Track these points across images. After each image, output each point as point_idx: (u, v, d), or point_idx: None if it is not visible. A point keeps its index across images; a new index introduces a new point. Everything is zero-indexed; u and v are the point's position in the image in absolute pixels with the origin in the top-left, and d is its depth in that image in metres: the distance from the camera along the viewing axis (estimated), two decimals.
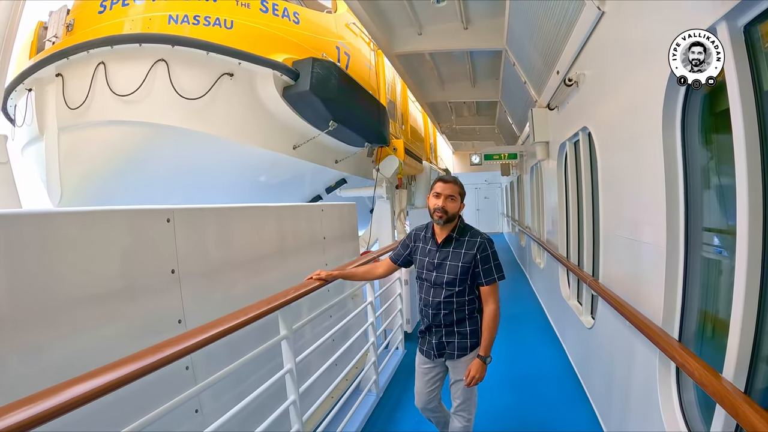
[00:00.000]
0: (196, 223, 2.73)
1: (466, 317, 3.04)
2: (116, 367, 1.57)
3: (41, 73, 6.17)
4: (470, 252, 2.93)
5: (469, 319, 3.05)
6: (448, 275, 2.97)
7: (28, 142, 6.61)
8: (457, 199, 2.97)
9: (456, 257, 2.96)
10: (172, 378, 2.30)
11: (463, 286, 2.97)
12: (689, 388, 2.60)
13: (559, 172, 6.30)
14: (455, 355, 3.08)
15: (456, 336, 3.06)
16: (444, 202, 2.94)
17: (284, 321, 2.76)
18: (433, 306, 3.05)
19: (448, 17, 7.29)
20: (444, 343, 3.10)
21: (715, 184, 2.54)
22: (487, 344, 2.97)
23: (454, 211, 2.97)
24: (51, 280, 1.86)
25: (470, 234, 3.00)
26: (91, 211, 2.11)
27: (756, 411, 1.61)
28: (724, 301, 2.38)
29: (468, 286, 2.98)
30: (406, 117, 13.29)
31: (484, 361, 2.96)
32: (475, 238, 2.97)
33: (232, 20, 6.34)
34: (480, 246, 2.93)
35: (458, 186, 3.00)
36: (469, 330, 3.05)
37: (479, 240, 2.95)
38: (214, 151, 6.59)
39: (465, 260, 2.93)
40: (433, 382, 3.26)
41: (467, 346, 3.06)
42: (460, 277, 2.94)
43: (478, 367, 2.94)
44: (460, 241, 2.98)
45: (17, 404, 1.27)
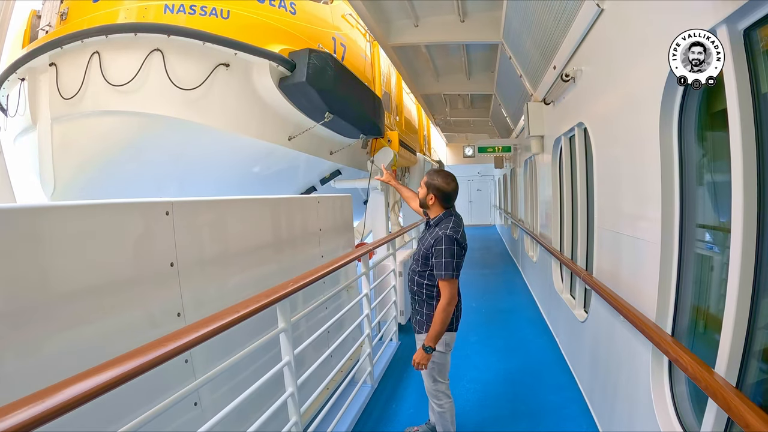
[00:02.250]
0: (195, 216, 2.72)
1: (424, 300, 3.33)
2: (117, 364, 1.56)
3: (34, 62, 6.08)
4: (431, 241, 3.19)
5: (426, 302, 3.32)
6: (416, 254, 3.36)
7: (21, 132, 6.52)
8: (423, 187, 3.34)
9: (423, 242, 3.30)
10: (171, 371, 2.30)
11: (424, 269, 3.27)
12: (681, 382, 2.64)
13: (554, 167, 6.33)
14: (416, 330, 3.41)
15: (417, 315, 3.40)
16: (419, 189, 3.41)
17: (283, 313, 2.77)
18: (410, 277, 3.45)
19: (444, 10, 7.29)
20: (414, 317, 3.46)
21: (710, 182, 2.57)
22: (431, 335, 3.13)
23: (420, 197, 3.39)
24: (49, 275, 1.85)
25: (441, 226, 3.22)
26: (89, 205, 2.09)
27: (748, 406, 1.65)
28: (717, 297, 2.42)
29: (428, 272, 3.25)
30: (400, 108, 13.26)
31: (425, 350, 3.13)
32: (441, 230, 3.17)
33: (228, 10, 6.28)
34: (437, 238, 3.15)
35: (426, 176, 3.38)
36: (425, 312, 3.33)
37: (440, 233, 3.15)
38: (210, 142, 6.55)
39: (425, 247, 3.24)
40: None
41: (423, 325, 3.32)
42: (422, 260, 3.26)
43: (417, 353, 3.17)
44: (432, 229, 3.27)
45: (16, 404, 1.26)
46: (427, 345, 3.12)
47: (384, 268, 5.79)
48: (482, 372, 5.15)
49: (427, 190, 3.31)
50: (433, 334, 3.10)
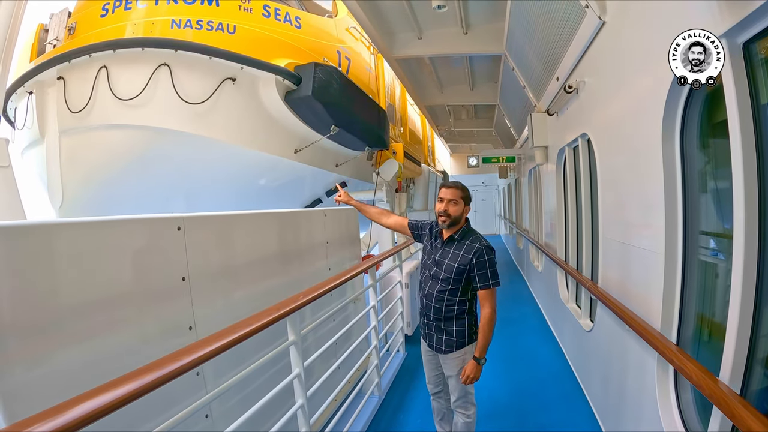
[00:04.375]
0: (205, 231, 2.77)
1: (454, 316, 3.20)
2: (132, 379, 1.59)
3: (42, 75, 6.16)
4: (467, 255, 3.08)
5: (457, 319, 3.20)
6: (444, 272, 3.15)
7: (29, 145, 6.60)
8: (460, 203, 3.15)
9: (454, 258, 3.13)
10: (182, 383, 2.32)
11: (457, 286, 3.14)
12: (687, 390, 2.65)
13: (558, 177, 6.36)
14: (443, 350, 3.27)
15: (444, 334, 3.24)
16: (446, 206, 3.14)
17: (293, 326, 2.80)
18: (428, 296, 3.25)
19: (448, 22, 7.34)
20: (434, 337, 3.30)
21: (712, 191, 2.60)
22: (482, 346, 3.10)
23: (456, 215, 3.14)
24: (62, 290, 1.89)
25: (471, 238, 3.15)
26: (102, 221, 2.13)
27: (752, 413, 1.67)
28: (721, 306, 2.44)
29: (461, 287, 3.14)
30: (405, 120, 13.32)
31: (479, 362, 3.09)
32: (475, 243, 3.11)
33: (234, 25, 6.36)
34: (477, 251, 3.07)
35: (460, 190, 3.17)
36: (455, 330, 3.21)
37: (478, 245, 3.09)
38: (216, 155, 6.60)
39: (461, 262, 3.09)
40: (436, 368, 3.47)
41: (453, 344, 3.22)
42: (454, 277, 3.11)
43: (472, 368, 3.09)
44: (461, 243, 3.14)
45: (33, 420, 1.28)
46: (479, 356, 3.09)
47: (390, 280, 5.81)
48: (489, 381, 5.14)
49: (464, 204, 3.18)
50: (485, 344, 3.10)
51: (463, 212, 3.18)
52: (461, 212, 3.17)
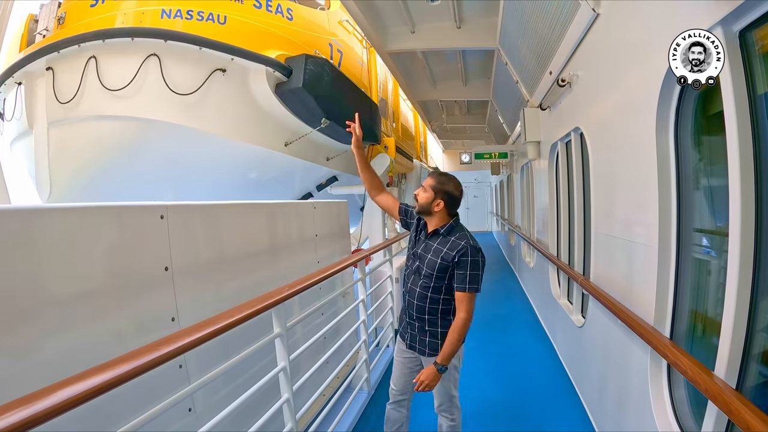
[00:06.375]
0: (190, 220, 2.71)
1: (438, 316, 2.98)
2: (110, 367, 1.54)
3: (31, 66, 6.09)
4: (451, 252, 2.86)
5: (441, 319, 2.99)
6: (426, 268, 2.94)
7: (17, 137, 6.53)
8: (429, 191, 2.92)
9: (436, 253, 2.91)
10: (165, 376, 2.28)
11: (440, 283, 2.92)
12: (680, 386, 2.62)
13: (551, 172, 6.33)
14: (426, 352, 3.05)
15: (427, 335, 3.02)
16: (418, 191, 2.98)
17: (278, 319, 2.75)
18: (410, 293, 3.05)
19: (441, 16, 7.30)
20: (417, 338, 3.08)
21: (706, 186, 2.58)
22: (447, 352, 2.84)
23: (423, 202, 2.93)
24: (42, 278, 1.84)
25: (458, 235, 2.93)
26: (83, 207, 2.08)
27: (748, 408, 1.63)
28: (715, 301, 2.41)
29: (445, 285, 2.92)
30: (397, 115, 13.30)
31: (439, 369, 2.84)
32: (461, 240, 2.88)
33: (225, 15, 6.31)
34: (462, 249, 2.84)
35: (434, 180, 2.96)
36: (440, 331, 2.99)
37: (464, 243, 2.86)
38: (206, 147, 6.55)
39: (444, 258, 2.87)
40: (411, 371, 3.21)
41: (438, 347, 2.96)
42: (437, 273, 2.89)
43: (429, 374, 2.84)
44: (446, 239, 2.92)
45: (7, 407, 1.23)
46: (442, 364, 2.83)
47: (380, 274, 5.77)
48: (479, 378, 5.11)
49: (434, 195, 2.91)
50: (451, 352, 2.84)
51: (432, 203, 2.91)
52: (429, 202, 2.91)
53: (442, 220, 2.97)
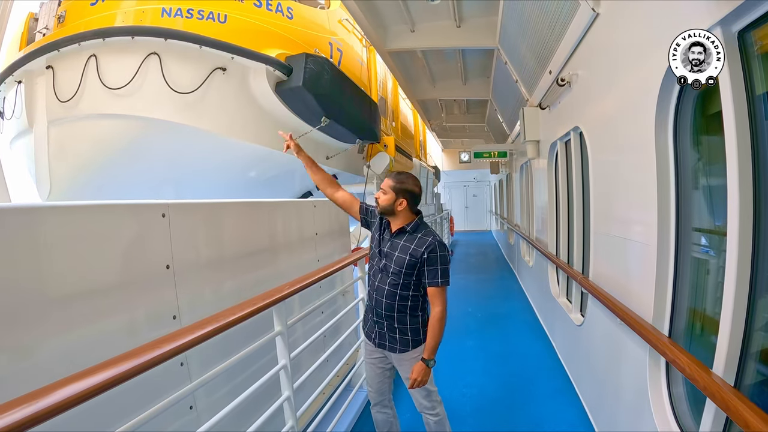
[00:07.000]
0: (191, 218, 2.72)
1: (407, 313, 3.02)
2: (111, 365, 1.55)
3: (31, 65, 6.09)
4: (419, 249, 2.89)
5: (410, 316, 3.02)
6: (395, 266, 2.95)
7: (17, 135, 6.53)
8: (389, 192, 2.94)
9: (404, 250, 2.94)
10: (166, 374, 2.29)
11: (408, 280, 2.95)
12: (678, 384, 2.64)
13: (550, 171, 6.34)
14: (397, 349, 3.07)
15: (397, 333, 3.05)
16: (378, 194, 3.00)
17: (279, 317, 2.76)
18: (378, 291, 3.05)
19: (441, 15, 7.31)
20: (386, 335, 3.09)
21: (705, 185, 2.58)
22: (431, 346, 2.91)
23: (385, 204, 2.95)
24: (43, 276, 1.84)
25: (424, 232, 2.97)
26: (84, 206, 2.08)
27: (747, 405, 1.65)
28: (714, 299, 2.42)
29: (413, 282, 2.96)
30: (396, 114, 13.31)
31: (427, 364, 2.92)
32: (428, 237, 2.93)
33: (225, 14, 6.31)
34: (430, 246, 2.89)
35: (393, 180, 2.97)
36: (409, 327, 3.03)
37: (431, 240, 2.91)
38: (206, 146, 6.56)
39: (413, 255, 2.90)
40: (383, 372, 3.25)
41: (408, 343, 3.03)
42: (405, 270, 2.92)
43: (420, 370, 2.91)
44: (413, 236, 2.95)
45: (9, 405, 1.24)
46: (429, 358, 2.94)
47: None
48: (478, 377, 5.13)
49: (396, 196, 2.93)
50: (434, 345, 2.91)
51: (395, 204, 2.94)
52: (391, 202, 2.93)
53: (407, 218, 3.00)
